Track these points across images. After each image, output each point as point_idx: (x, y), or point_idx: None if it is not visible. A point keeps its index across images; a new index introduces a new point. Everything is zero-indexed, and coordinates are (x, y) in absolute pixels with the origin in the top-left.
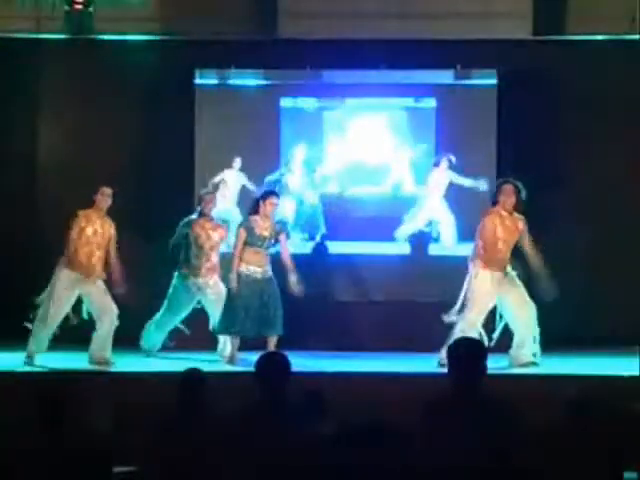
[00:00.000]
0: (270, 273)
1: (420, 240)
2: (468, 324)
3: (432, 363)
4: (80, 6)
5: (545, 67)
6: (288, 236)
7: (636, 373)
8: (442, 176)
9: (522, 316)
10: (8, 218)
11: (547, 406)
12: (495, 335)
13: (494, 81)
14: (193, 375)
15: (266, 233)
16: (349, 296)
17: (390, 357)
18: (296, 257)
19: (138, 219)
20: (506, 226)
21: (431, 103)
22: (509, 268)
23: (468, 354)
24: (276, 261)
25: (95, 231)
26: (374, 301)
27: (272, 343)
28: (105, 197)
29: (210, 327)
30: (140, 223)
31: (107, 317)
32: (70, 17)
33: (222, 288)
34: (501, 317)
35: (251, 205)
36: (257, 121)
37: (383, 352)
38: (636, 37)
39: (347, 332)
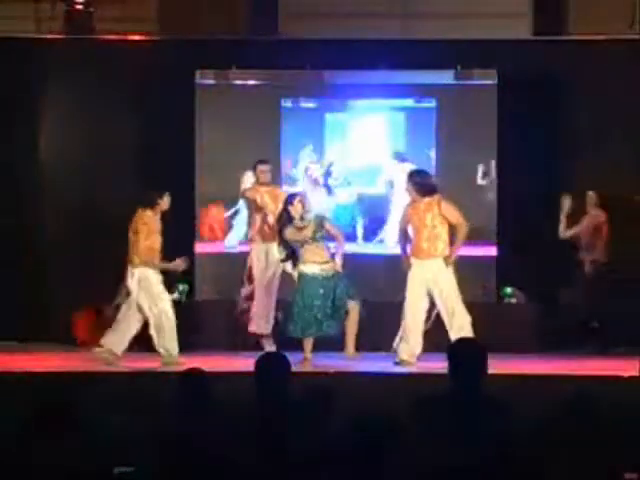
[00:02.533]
0: (336, 268)
1: None
2: (407, 329)
3: (432, 363)
4: (80, 6)
5: (545, 67)
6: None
7: (636, 373)
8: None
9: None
10: (8, 218)
11: (547, 406)
12: None
13: (494, 81)
14: (193, 375)
15: (308, 232)
16: None
17: (390, 357)
18: None
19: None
20: (419, 213)
21: (431, 103)
22: (440, 259)
23: (468, 354)
24: None
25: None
26: (373, 301)
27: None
28: (168, 201)
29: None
30: None
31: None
32: (70, 17)
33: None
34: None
35: (283, 217)
36: (258, 121)
37: (383, 352)
38: (636, 37)
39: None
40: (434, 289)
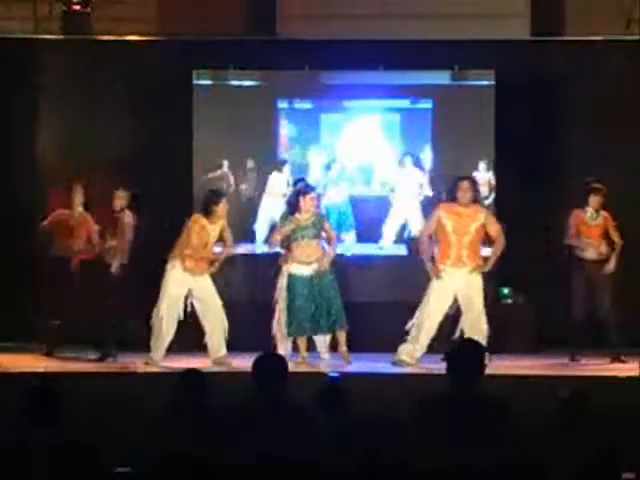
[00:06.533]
0: (325, 267)
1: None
2: (419, 332)
3: (432, 363)
4: (78, 7)
5: (544, 67)
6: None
7: (636, 373)
8: (409, 177)
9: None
10: (8, 217)
11: (545, 406)
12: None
13: (492, 82)
14: (193, 375)
15: (306, 223)
16: (349, 297)
17: (390, 357)
18: None
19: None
20: (461, 220)
21: (428, 104)
22: (473, 268)
23: (467, 354)
24: None
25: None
26: (373, 301)
27: (342, 340)
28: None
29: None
30: (138, 222)
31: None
32: (68, 18)
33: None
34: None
35: (291, 203)
36: (254, 122)
37: (383, 352)
38: (636, 37)
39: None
40: (460, 297)
